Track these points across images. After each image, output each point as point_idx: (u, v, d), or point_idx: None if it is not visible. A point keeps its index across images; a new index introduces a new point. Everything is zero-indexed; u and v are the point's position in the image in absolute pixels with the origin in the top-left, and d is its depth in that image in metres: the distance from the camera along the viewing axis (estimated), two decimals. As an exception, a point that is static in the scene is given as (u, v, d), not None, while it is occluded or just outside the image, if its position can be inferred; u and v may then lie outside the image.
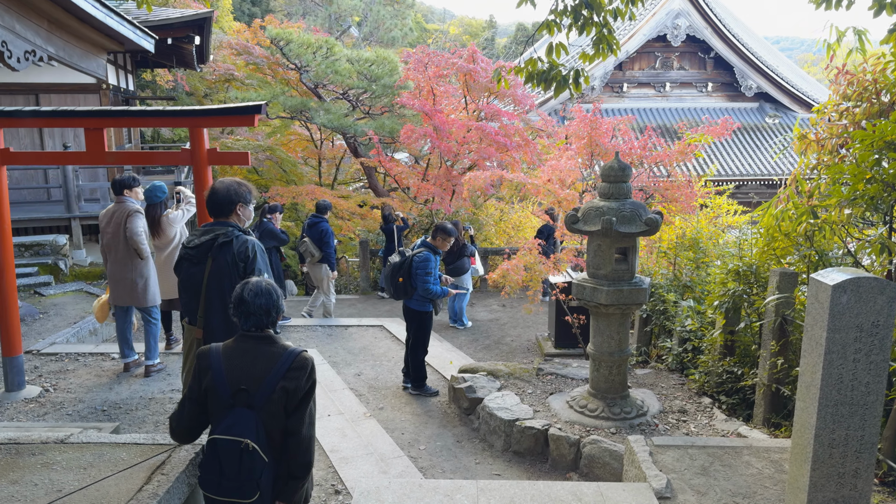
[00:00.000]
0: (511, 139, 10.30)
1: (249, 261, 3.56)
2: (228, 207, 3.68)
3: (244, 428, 2.54)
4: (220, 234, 3.58)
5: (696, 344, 6.30)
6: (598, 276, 5.19)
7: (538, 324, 9.78)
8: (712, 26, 26.82)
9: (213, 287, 3.58)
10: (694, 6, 26.79)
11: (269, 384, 2.60)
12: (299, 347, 2.75)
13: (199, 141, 5.11)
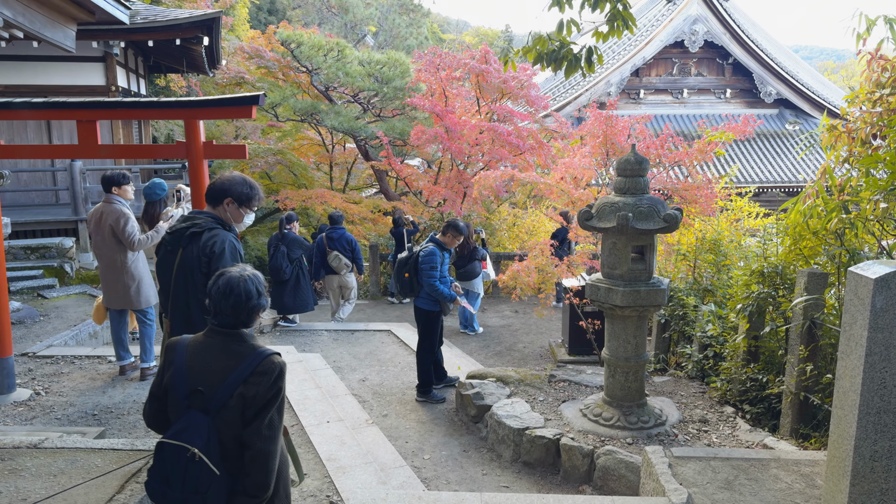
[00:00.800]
0: (524, 141, 10.02)
1: (214, 257, 3.27)
2: (219, 197, 3.43)
3: (194, 434, 2.25)
4: (196, 223, 3.35)
5: (718, 350, 5.97)
6: (614, 276, 4.90)
7: (552, 330, 9.47)
8: (731, 32, 26.47)
9: (179, 280, 3.35)
10: (712, 12, 26.48)
11: (227, 388, 2.30)
12: (270, 349, 2.43)
13: (194, 134, 4.90)
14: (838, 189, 4.51)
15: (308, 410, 5.19)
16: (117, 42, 10.38)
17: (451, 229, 6.07)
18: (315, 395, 5.47)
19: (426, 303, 6.03)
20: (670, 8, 26.49)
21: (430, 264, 5.86)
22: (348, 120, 11.75)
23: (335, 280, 9.31)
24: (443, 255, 6.02)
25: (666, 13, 26.62)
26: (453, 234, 6.06)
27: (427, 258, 5.89)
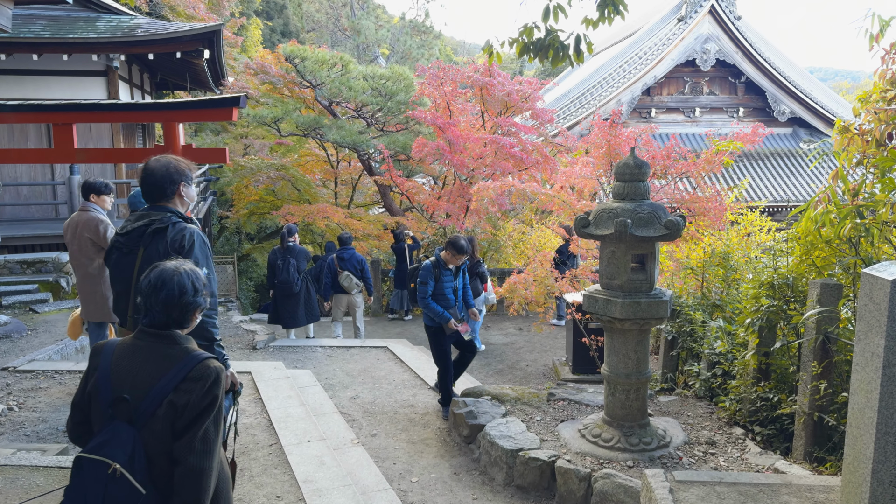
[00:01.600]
0: (529, 155, 9.79)
1: (185, 251, 3.02)
2: (170, 189, 3.12)
3: (117, 448, 1.99)
4: (155, 219, 3.06)
5: (727, 368, 5.64)
6: (612, 286, 4.61)
7: (556, 348, 9.15)
8: (743, 51, 26.28)
9: None
10: (724, 31, 26.33)
11: (156, 395, 2.04)
12: (204, 353, 2.16)
13: (173, 137, 4.70)
14: (852, 193, 4.21)
15: (289, 429, 4.92)
16: (117, 55, 10.31)
17: (449, 247, 5.74)
18: (298, 413, 5.20)
19: (426, 318, 5.85)
20: (681, 27, 26.36)
21: (421, 278, 5.63)
22: (350, 134, 11.58)
23: (344, 300, 9.31)
24: (439, 272, 5.73)
25: (677, 32, 26.48)
26: (452, 251, 5.72)
27: (421, 272, 5.66)
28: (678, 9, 27.32)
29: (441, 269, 5.74)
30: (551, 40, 3.20)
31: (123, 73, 12.54)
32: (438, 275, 5.68)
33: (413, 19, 53.59)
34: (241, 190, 15.84)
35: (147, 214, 3.09)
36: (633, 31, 30.91)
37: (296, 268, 8.41)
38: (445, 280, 5.74)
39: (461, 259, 5.83)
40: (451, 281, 5.80)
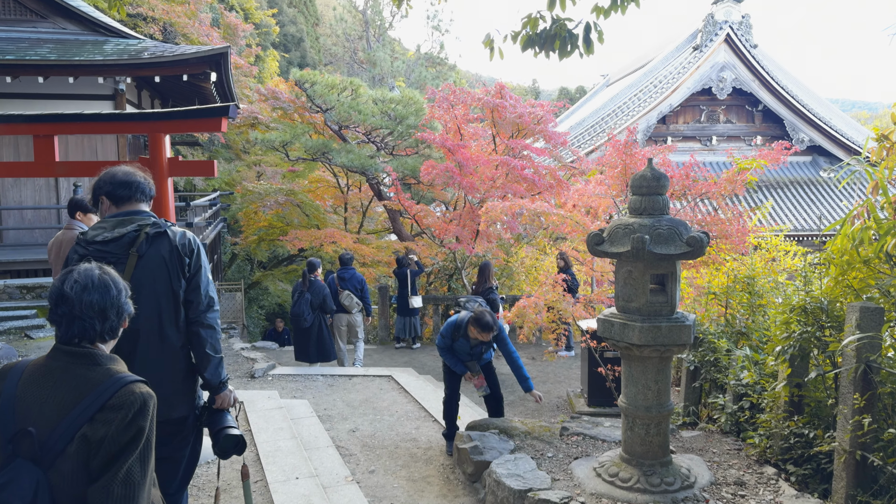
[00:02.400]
0: (542, 178, 9.46)
1: (195, 256, 2.75)
2: (150, 191, 2.85)
3: (15, 492, 1.62)
4: (145, 224, 2.73)
5: (755, 400, 5.19)
6: (630, 309, 4.22)
7: (571, 379, 8.70)
8: (760, 79, 26.03)
9: (146, 293, 2.65)
10: (740, 59, 26.14)
11: (66, 428, 1.68)
12: (130, 377, 1.79)
13: (158, 148, 4.42)
14: (893, 207, 3.82)
15: (277, 464, 4.53)
16: (123, 78, 10.20)
17: (474, 324, 5.18)
18: (289, 447, 4.81)
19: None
20: (697, 56, 26.20)
21: (443, 331, 5.48)
22: (359, 157, 11.35)
23: (344, 319, 9.11)
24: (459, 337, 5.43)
25: (693, 60, 26.33)
26: (476, 328, 5.18)
27: (443, 329, 5.49)
28: (693, 38, 27.22)
29: (461, 337, 5.39)
30: (558, 29, 2.88)
31: (132, 97, 12.45)
32: (457, 337, 5.39)
33: (428, 52, 54.06)
34: (250, 216, 15.64)
35: (130, 219, 2.74)
36: (647, 60, 30.83)
37: (309, 303, 8.38)
38: (460, 348, 5.49)
39: (487, 337, 5.26)
40: (466, 351, 5.48)
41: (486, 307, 5.39)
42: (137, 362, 2.58)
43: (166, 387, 2.57)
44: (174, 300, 2.68)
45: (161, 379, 2.52)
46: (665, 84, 26.35)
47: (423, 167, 9.68)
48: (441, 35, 54.70)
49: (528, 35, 3.00)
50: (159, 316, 2.69)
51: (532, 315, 6.12)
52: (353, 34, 52.42)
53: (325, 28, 53.09)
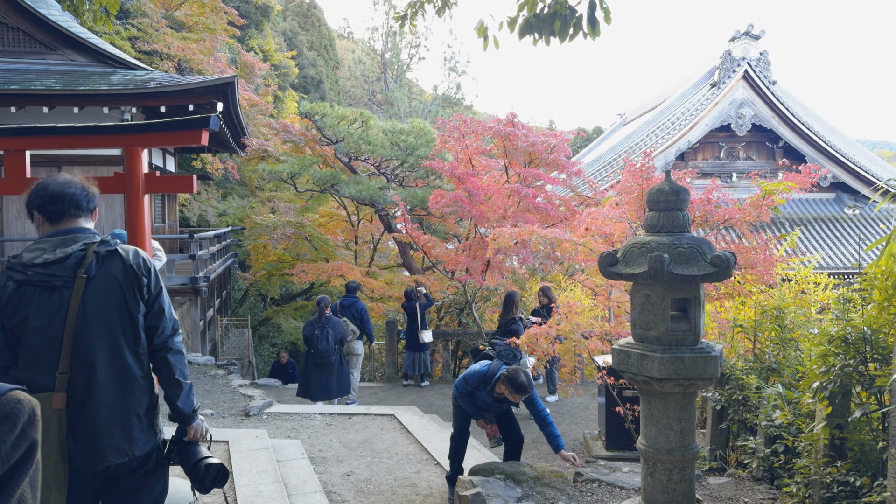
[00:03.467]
0: (555, 208, 9.07)
1: (152, 276, 2.49)
2: (91, 204, 2.52)
3: None
4: (92, 243, 2.42)
5: (791, 443, 4.66)
6: (648, 338, 3.76)
7: (587, 419, 8.16)
8: (780, 115, 25.73)
9: (98, 319, 2.37)
10: (759, 95, 25.90)
11: None
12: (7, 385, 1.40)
13: (134, 163, 4.11)
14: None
15: (255, 511, 4.07)
16: (129, 108, 10.06)
17: (508, 384, 4.79)
18: (271, 492, 4.35)
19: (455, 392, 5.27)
20: (715, 92, 26.03)
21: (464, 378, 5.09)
22: (367, 188, 11.06)
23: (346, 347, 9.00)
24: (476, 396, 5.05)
25: (710, 97, 26.16)
26: (510, 389, 4.80)
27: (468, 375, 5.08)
28: (710, 74, 27.06)
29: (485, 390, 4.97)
30: (558, 6, 2.52)
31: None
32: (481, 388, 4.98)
33: (445, 92, 54.55)
34: (259, 250, 15.39)
35: (73, 238, 2.42)
36: (664, 98, 30.68)
37: (333, 338, 8.41)
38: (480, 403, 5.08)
39: (518, 399, 4.90)
40: (486, 401, 5.05)
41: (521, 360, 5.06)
42: (94, 396, 2.32)
43: (129, 421, 2.38)
44: (132, 325, 2.43)
45: (122, 412, 2.35)
46: (683, 121, 26.15)
47: (431, 196, 9.35)
48: (458, 76, 55.12)
49: (525, 19, 2.64)
50: (116, 343, 2.41)
51: (544, 344, 5.65)
52: (371, 76, 53.15)
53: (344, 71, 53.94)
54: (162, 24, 17.89)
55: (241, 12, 26.65)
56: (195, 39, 18.58)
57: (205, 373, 9.23)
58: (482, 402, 5.06)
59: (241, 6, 28.56)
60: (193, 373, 9.21)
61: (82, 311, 2.34)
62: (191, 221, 19.81)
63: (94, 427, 2.29)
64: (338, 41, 55.08)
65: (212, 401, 7.80)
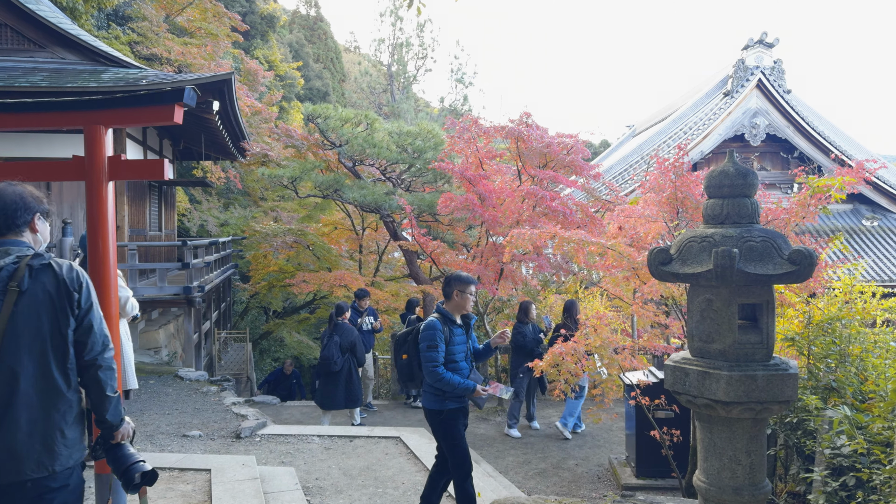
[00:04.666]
0: (573, 214, 8.43)
1: (84, 290, 2.48)
2: (22, 218, 2.45)
3: None
4: (22, 256, 2.41)
5: (865, 476, 3.96)
6: (710, 352, 3.10)
7: (612, 442, 7.47)
8: (794, 125, 25.19)
9: (28, 333, 2.36)
10: (773, 105, 25.39)
11: None
12: None
13: (96, 145, 3.50)
14: None
15: (233, 559, 3.39)
16: (119, 106, 9.46)
17: (455, 283, 4.20)
18: (255, 533, 3.67)
19: (431, 398, 4.19)
20: (728, 102, 25.54)
21: (427, 341, 4.09)
22: (372, 193, 10.43)
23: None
24: (449, 330, 4.17)
25: (723, 106, 25.67)
26: (459, 288, 4.17)
27: (425, 332, 4.14)
28: (723, 84, 26.59)
29: (451, 325, 4.20)
30: None
31: (135, 133, 11.77)
32: (448, 335, 4.13)
33: (452, 104, 54.22)
34: (259, 260, 14.76)
35: (6, 250, 2.41)
36: (675, 109, 30.21)
37: (338, 345, 7.89)
38: (457, 340, 4.18)
39: (470, 300, 4.24)
40: (463, 342, 4.24)
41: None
42: (15, 408, 2.31)
43: (51, 436, 2.37)
44: (61, 340, 2.43)
45: (45, 427, 2.35)
46: (696, 130, 25.66)
47: (440, 199, 8.71)
48: (465, 88, 54.85)
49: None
50: (44, 357, 2.40)
51: (570, 364, 4.95)
52: (377, 87, 52.87)
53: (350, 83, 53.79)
54: (162, 28, 17.41)
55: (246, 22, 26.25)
56: (196, 44, 18.09)
57: (196, 389, 8.57)
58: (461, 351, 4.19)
59: (246, 16, 28.21)
60: (183, 389, 8.56)
61: (11, 324, 2.34)
62: (191, 231, 19.23)
63: (13, 439, 2.27)
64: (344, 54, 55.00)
65: (201, 420, 7.13)
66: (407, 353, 4.29)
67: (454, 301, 4.21)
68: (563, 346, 5.03)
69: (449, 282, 4.25)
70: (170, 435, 6.54)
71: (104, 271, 3.58)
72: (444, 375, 4.02)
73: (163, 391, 8.44)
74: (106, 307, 3.56)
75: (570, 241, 5.39)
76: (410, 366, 4.26)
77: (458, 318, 4.24)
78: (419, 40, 52.73)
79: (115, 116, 3.52)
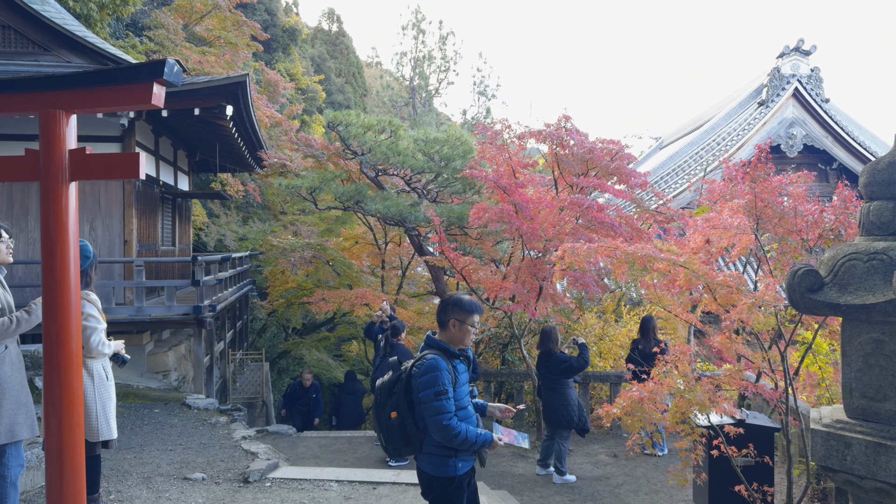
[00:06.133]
0: (621, 225, 7.56)
1: None
2: None
3: None
4: None
5: None
6: (881, 414, 2.23)
7: (673, 487, 6.52)
8: (833, 135, 24.16)
9: None
10: (810, 114, 24.40)
11: None
12: None
13: (53, 136, 2.74)
14: None
15: None
16: (125, 112, 8.85)
17: (453, 310, 3.32)
18: None
19: (438, 462, 3.23)
20: (763, 111, 24.60)
21: (433, 387, 3.15)
22: (396, 205, 9.64)
23: None
24: (452, 366, 3.27)
25: (758, 116, 24.75)
26: (458, 316, 3.30)
27: (427, 379, 3.17)
28: (757, 93, 25.69)
29: (453, 361, 3.29)
30: None
31: (147, 142, 11.14)
32: (453, 373, 3.24)
33: (474, 116, 53.55)
34: (277, 276, 14.03)
35: None
36: (705, 120, 29.33)
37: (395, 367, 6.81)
38: (462, 380, 3.30)
39: (471, 334, 3.34)
40: (467, 381, 3.37)
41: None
42: None
43: None
44: None
45: None
46: (729, 141, 24.73)
47: (472, 211, 7.87)
48: (487, 100, 54.16)
49: None
50: None
51: (651, 411, 4.05)
52: (399, 101, 52.40)
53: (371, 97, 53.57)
54: (179, 36, 16.91)
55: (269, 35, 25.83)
56: (215, 53, 17.58)
57: (204, 420, 7.77)
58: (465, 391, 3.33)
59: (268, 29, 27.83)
60: (190, 420, 7.77)
61: None
62: (208, 246, 18.60)
63: None
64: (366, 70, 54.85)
65: (206, 459, 6.32)
66: (397, 410, 3.25)
67: (450, 332, 3.31)
68: (640, 388, 4.13)
69: (446, 307, 3.34)
70: (169, 477, 5.74)
71: (61, 298, 2.79)
72: (460, 429, 3.12)
73: (167, 422, 7.66)
74: (61, 342, 2.78)
75: (635, 258, 4.54)
76: (404, 426, 3.22)
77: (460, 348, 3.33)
78: (441, 53, 52.24)
79: (76, 98, 2.76)
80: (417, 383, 3.19)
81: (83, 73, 2.72)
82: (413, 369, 3.26)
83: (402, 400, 3.23)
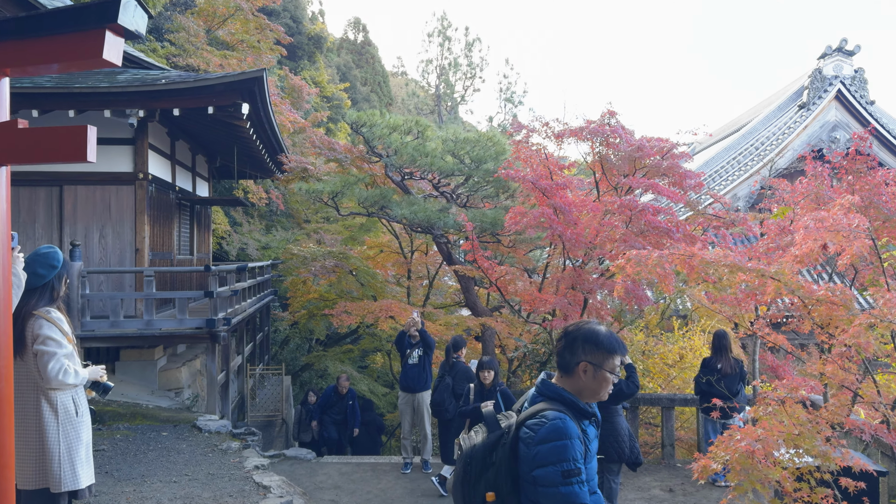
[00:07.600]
0: (678, 230, 6.74)
1: None
2: None
3: None
4: None
5: None
6: None
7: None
8: (879, 139, 23.10)
9: None
10: (854, 117, 23.39)
11: None
12: None
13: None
14: None
15: None
16: (135, 111, 8.25)
17: (590, 348, 2.28)
18: None
19: None
20: (803, 115, 23.64)
21: (559, 463, 2.13)
22: (423, 210, 8.92)
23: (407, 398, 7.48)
24: (582, 430, 2.27)
25: (799, 120, 23.78)
26: (595, 359, 2.28)
27: (550, 450, 2.14)
28: (798, 95, 24.72)
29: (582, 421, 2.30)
30: None
31: (161, 145, 10.59)
32: (585, 443, 2.28)
33: (500, 123, 52.86)
34: (298, 286, 13.39)
35: None
36: (742, 124, 28.37)
37: (450, 389, 6.83)
38: (591, 448, 2.32)
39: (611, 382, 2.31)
40: (596, 450, 2.43)
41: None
42: None
43: None
44: None
45: None
46: (768, 146, 23.76)
47: (508, 215, 7.13)
48: (514, 107, 53.53)
49: None
50: None
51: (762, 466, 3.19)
52: (424, 108, 51.94)
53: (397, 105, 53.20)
54: (200, 39, 16.46)
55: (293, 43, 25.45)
56: (237, 57, 17.12)
57: (214, 446, 7.09)
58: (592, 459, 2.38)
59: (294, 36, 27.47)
60: (199, 445, 7.10)
61: None
62: (230, 255, 18.08)
63: None
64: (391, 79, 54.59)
65: (212, 494, 5.63)
66: (496, 491, 2.19)
67: (580, 381, 2.30)
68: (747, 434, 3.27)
69: (574, 344, 2.32)
70: (169, 516, 5.06)
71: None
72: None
73: (175, 447, 7.00)
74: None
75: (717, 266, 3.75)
76: None
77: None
78: (467, 60, 51.78)
79: (11, 53, 2.07)
80: (533, 454, 2.17)
81: (22, 18, 2.05)
82: (524, 431, 2.22)
83: (506, 476, 2.19)
